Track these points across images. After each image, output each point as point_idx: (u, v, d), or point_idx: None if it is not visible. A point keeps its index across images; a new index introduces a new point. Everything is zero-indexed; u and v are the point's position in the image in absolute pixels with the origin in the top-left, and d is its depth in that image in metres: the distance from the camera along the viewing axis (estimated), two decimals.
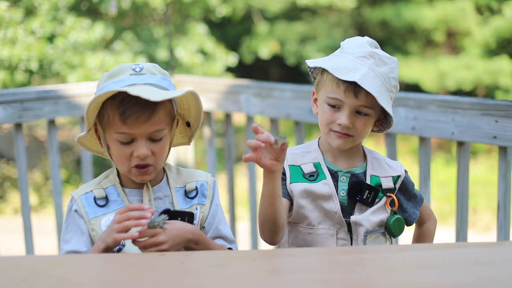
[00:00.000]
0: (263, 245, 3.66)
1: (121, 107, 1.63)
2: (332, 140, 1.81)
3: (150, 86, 1.66)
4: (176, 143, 1.87)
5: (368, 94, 1.74)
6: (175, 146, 1.88)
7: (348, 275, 1.36)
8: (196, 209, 1.76)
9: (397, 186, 1.89)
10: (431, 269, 1.39)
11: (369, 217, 1.83)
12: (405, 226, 1.91)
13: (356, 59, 1.78)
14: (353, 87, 1.74)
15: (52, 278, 1.36)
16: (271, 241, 1.75)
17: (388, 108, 1.76)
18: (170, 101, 1.70)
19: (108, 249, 1.59)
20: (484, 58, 8.58)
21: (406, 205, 1.93)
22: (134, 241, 1.59)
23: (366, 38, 1.84)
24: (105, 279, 1.37)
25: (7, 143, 7.83)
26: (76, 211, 1.72)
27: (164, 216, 1.59)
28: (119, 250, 1.67)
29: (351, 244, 1.82)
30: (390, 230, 1.85)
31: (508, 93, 8.54)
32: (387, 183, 1.87)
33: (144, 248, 1.58)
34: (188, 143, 1.88)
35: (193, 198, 1.77)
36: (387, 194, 1.86)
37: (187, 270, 1.40)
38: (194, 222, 1.72)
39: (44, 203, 6.96)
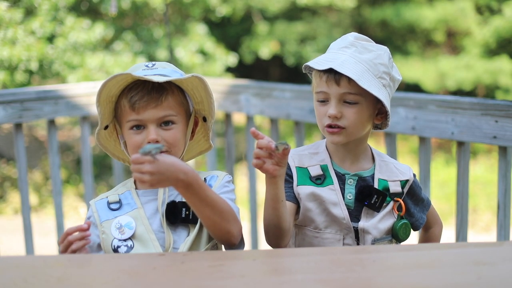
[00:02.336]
0: (263, 245, 3.66)
1: (129, 94, 1.68)
2: (327, 136, 1.79)
3: (159, 76, 1.69)
4: (202, 150, 1.90)
5: (350, 80, 1.71)
6: (202, 153, 1.91)
7: (348, 275, 1.36)
8: None
9: (405, 190, 1.87)
10: (431, 269, 1.39)
11: (377, 224, 1.81)
12: (412, 231, 1.89)
13: (337, 51, 1.78)
14: (334, 76, 1.73)
15: (52, 278, 1.36)
16: (276, 246, 1.73)
17: (375, 92, 1.71)
18: (182, 93, 1.74)
19: None
20: (484, 58, 8.58)
21: (414, 210, 1.90)
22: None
23: (353, 33, 1.83)
24: (105, 279, 1.37)
25: (7, 143, 7.83)
26: (89, 218, 1.76)
27: (159, 146, 1.50)
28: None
29: None
30: (397, 235, 1.83)
31: (508, 93, 8.54)
32: (395, 187, 1.84)
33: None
34: (210, 146, 1.88)
35: None
36: (395, 198, 1.84)
37: (187, 270, 1.40)
38: None
39: (44, 203, 6.96)
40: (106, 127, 1.77)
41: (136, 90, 1.68)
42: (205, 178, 1.77)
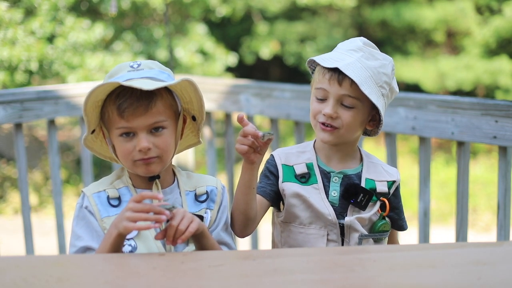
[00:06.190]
0: (263, 245, 3.66)
1: (117, 101, 1.63)
2: (318, 132, 1.81)
3: (146, 79, 1.66)
4: (189, 144, 1.87)
5: (352, 83, 1.73)
6: (189, 148, 1.89)
7: (348, 275, 1.36)
8: (205, 213, 1.76)
9: (391, 191, 1.88)
10: (431, 269, 1.39)
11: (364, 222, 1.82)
12: (395, 230, 1.91)
13: (345, 52, 1.79)
14: (337, 75, 1.75)
15: (52, 278, 1.36)
16: (240, 233, 1.78)
17: (374, 99, 1.73)
18: (170, 94, 1.70)
19: (120, 236, 1.56)
20: (484, 58, 8.58)
21: (399, 212, 1.91)
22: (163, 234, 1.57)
23: (363, 38, 1.84)
24: (105, 279, 1.37)
25: (7, 143, 7.83)
26: (86, 207, 1.70)
27: (175, 206, 1.57)
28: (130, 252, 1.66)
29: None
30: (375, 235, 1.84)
31: (508, 93, 8.54)
32: (381, 187, 1.85)
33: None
34: (199, 142, 1.87)
35: (202, 202, 1.77)
36: (381, 198, 1.85)
37: (187, 270, 1.40)
38: None
39: (44, 203, 6.96)
40: (92, 131, 1.73)
41: (124, 97, 1.62)
42: (206, 191, 1.78)
